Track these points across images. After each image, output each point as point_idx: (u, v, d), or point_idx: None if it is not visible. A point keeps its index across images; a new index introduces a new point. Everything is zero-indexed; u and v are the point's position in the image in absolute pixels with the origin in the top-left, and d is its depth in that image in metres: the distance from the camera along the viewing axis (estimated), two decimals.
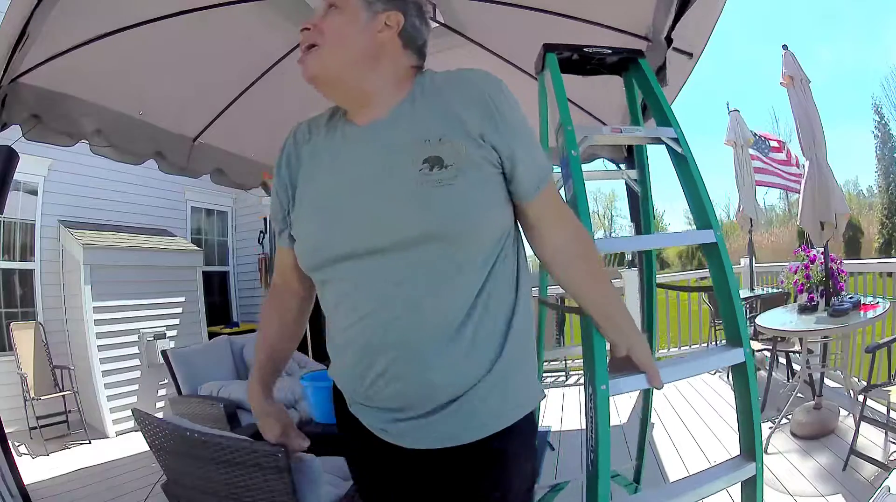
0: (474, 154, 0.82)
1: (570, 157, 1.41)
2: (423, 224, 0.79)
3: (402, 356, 0.82)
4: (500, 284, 0.86)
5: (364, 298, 0.83)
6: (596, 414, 1.21)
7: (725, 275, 1.40)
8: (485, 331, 0.83)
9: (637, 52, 1.74)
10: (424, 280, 0.80)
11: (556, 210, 0.93)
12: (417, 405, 0.83)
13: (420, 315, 0.81)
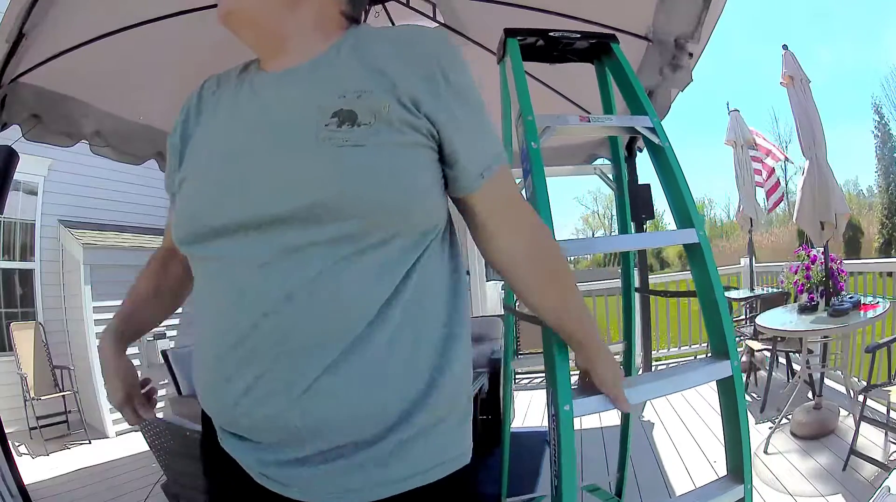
0: (398, 117, 0.64)
1: (530, 150, 1.27)
2: (314, 191, 0.61)
3: (272, 370, 0.62)
4: (428, 292, 0.68)
5: (229, 286, 0.65)
6: (559, 437, 1.07)
7: (710, 279, 1.26)
8: (404, 350, 0.64)
9: (609, 37, 1.60)
10: (313, 267, 0.61)
11: (508, 206, 0.75)
12: (296, 441, 0.63)
13: (303, 314, 0.61)
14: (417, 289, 0.67)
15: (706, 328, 1.32)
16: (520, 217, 0.76)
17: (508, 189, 0.75)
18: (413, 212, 0.66)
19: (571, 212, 36.58)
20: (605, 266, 26.72)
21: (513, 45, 1.52)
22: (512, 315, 2.01)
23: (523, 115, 1.34)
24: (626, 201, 1.96)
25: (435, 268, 0.70)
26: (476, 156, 0.70)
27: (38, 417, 4.36)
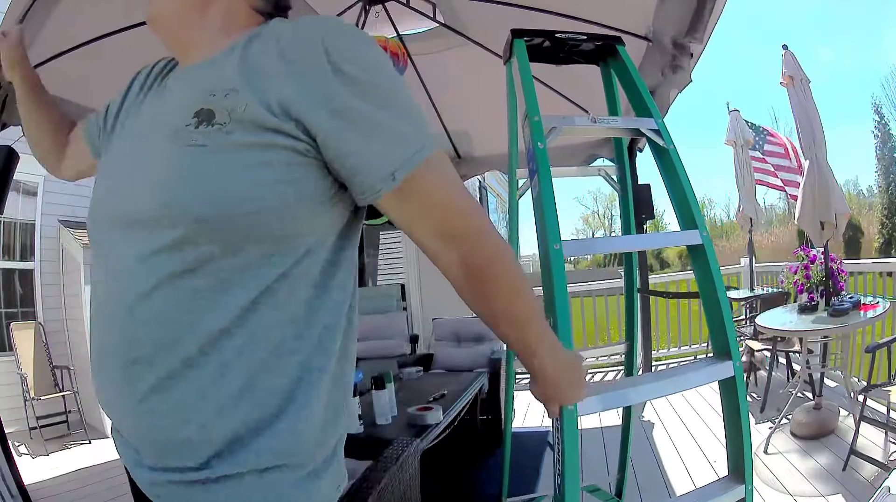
0: (254, 117, 0.58)
1: (537, 150, 1.29)
2: (157, 194, 0.59)
3: (122, 375, 0.62)
4: (287, 327, 0.62)
5: (102, 283, 0.66)
6: (563, 436, 1.09)
7: (713, 280, 1.27)
8: (235, 384, 0.59)
9: (615, 39, 1.62)
10: (152, 278, 0.59)
11: (432, 212, 0.65)
12: (141, 450, 0.63)
13: (140, 327, 0.60)
14: (268, 321, 0.60)
15: (708, 328, 1.33)
16: (450, 224, 0.66)
17: (432, 193, 0.64)
18: (243, 226, 0.57)
19: (571, 212, 36.61)
20: (605, 266, 26.76)
21: (519, 45, 1.53)
22: None
23: (529, 116, 1.35)
24: (629, 202, 1.97)
25: (301, 299, 0.62)
26: (378, 157, 0.60)
27: (38, 417, 4.36)
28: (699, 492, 1.26)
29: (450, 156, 4.47)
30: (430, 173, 0.63)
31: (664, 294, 4.87)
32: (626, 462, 2.06)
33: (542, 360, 0.76)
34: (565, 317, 1.16)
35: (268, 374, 0.60)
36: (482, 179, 6.37)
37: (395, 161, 0.60)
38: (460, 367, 3.93)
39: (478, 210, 0.68)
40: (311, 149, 0.59)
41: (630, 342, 2.07)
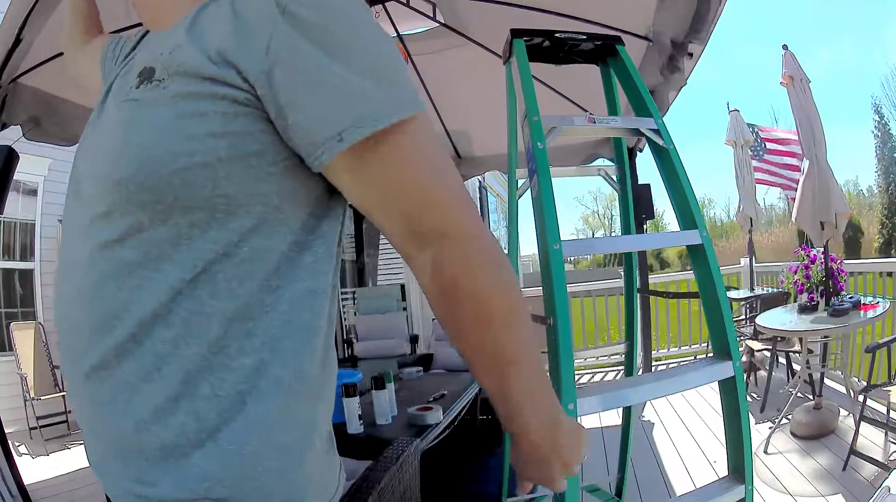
0: (194, 67, 0.50)
1: (536, 150, 1.29)
2: (94, 165, 0.55)
3: (66, 360, 0.56)
4: (226, 325, 0.51)
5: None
6: None
7: (713, 280, 1.27)
8: (160, 392, 0.50)
9: (615, 39, 1.62)
10: (89, 246, 0.53)
11: (400, 192, 0.52)
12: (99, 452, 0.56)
13: (79, 302, 0.54)
14: (208, 310, 0.51)
15: (708, 328, 1.34)
16: (422, 214, 0.52)
17: (401, 169, 0.52)
18: (169, 187, 0.49)
19: (571, 212, 36.61)
20: (605, 266, 26.78)
21: (519, 45, 1.53)
22: None
23: (529, 116, 1.35)
24: (629, 202, 1.97)
25: (251, 288, 0.52)
26: (324, 113, 0.48)
27: (38, 417, 4.36)
28: (699, 492, 1.27)
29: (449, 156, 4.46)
30: (399, 143, 0.51)
31: (664, 294, 4.87)
32: (626, 462, 2.06)
33: (527, 428, 0.56)
34: (565, 317, 1.16)
35: (209, 376, 0.50)
36: (482, 179, 6.36)
37: (344, 119, 0.48)
38: (460, 367, 3.93)
39: (462, 202, 0.54)
40: (252, 97, 0.50)
41: (630, 342, 2.07)
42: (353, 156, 0.50)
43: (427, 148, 0.53)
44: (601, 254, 24.91)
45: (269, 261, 0.53)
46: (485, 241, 0.55)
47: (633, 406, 2.00)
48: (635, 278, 2.05)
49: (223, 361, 0.51)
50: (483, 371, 0.56)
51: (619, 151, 1.99)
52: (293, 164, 0.53)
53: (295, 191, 0.54)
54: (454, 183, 0.55)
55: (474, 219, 0.55)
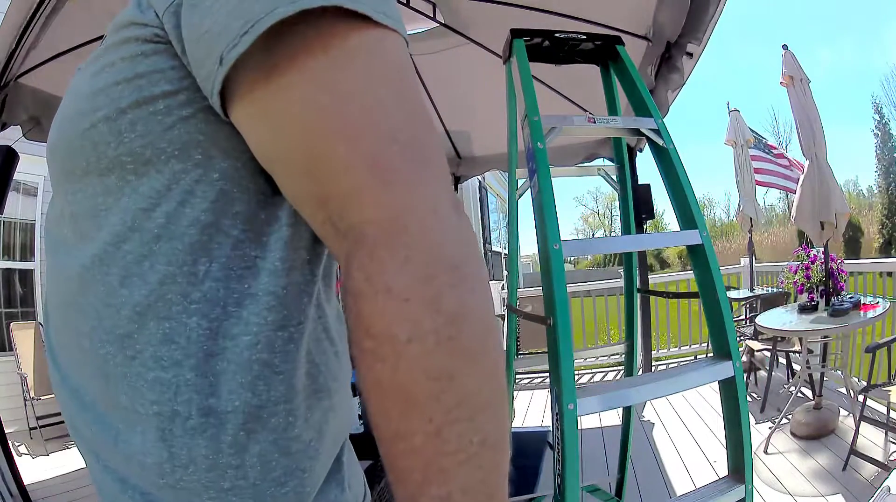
0: (128, 17, 0.41)
1: (536, 150, 1.29)
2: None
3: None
4: (141, 308, 0.39)
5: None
6: (563, 436, 1.09)
7: (712, 280, 1.28)
8: (115, 384, 0.40)
9: (615, 39, 1.62)
10: (57, 237, 0.45)
11: (300, 147, 0.34)
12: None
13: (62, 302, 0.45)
14: (111, 304, 0.40)
15: (708, 328, 1.34)
16: (357, 193, 0.33)
17: (314, 100, 0.33)
18: (80, 151, 0.41)
19: (571, 212, 36.61)
20: (605, 266, 26.77)
21: (519, 45, 1.53)
22: (515, 315, 2.01)
23: (529, 116, 1.35)
24: (629, 202, 1.96)
25: (161, 274, 0.39)
26: (218, 27, 0.34)
27: (38, 417, 4.36)
28: (699, 492, 1.26)
29: (449, 156, 4.48)
30: (315, 52, 0.33)
31: (664, 294, 4.86)
32: (626, 462, 2.06)
33: None
34: (565, 317, 1.16)
35: (125, 386, 0.40)
36: (482, 179, 6.36)
37: (230, 29, 0.34)
38: None
39: (436, 182, 0.34)
40: (160, 31, 0.39)
41: (630, 342, 2.07)
42: (246, 86, 0.35)
43: (380, 70, 0.35)
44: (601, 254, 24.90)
45: (191, 238, 0.39)
46: (475, 279, 0.33)
47: (633, 406, 2.00)
48: (635, 278, 2.04)
49: (138, 370, 0.39)
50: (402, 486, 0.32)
51: (619, 151, 1.99)
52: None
53: (231, 142, 0.40)
54: (426, 143, 0.34)
55: (442, 197, 0.33)
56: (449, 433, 0.30)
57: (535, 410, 4.10)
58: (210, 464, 0.39)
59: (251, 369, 0.39)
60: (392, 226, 0.31)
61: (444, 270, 0.31)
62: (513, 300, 2.05)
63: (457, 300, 0.31)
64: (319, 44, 0.33)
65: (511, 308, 2.01)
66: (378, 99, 0.34)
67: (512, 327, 2.11)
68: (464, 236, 0.33)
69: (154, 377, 0.39)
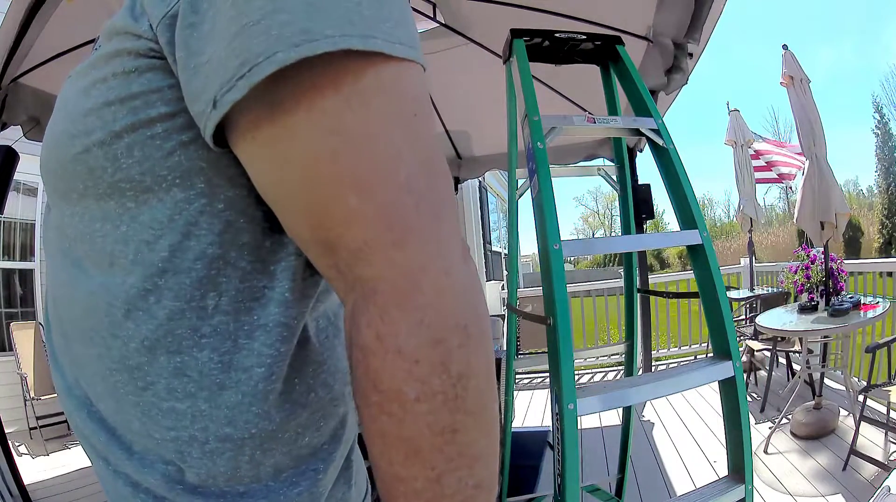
0: (119, 25, 0.39)
1: (536, 150, 1.28)
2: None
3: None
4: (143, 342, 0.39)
5: None
6: (563, 435, 1.09)
7: (712, 280, 1.27)
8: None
9: (615, 39, 1.62)
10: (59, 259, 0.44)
11: (303, 191, 0.33)
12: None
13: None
14: (118, 337, 0.39)
15: (708, 328, 1.33)
16: (364, 250, 0.32)
17: (312, 140, 0.32)
18: (74, 176, 0.39)
19: (571, 212, 36.64)
20: (605, 266, 26.78)
21: (519, 45, 1.53)
22: (515, 315, 2.01)
23: (529, 116, 1.35)
24: (629, 202, 1.96)
25: (170, 309, 0.38)
26: (217, 57, 0.32)
27: (38, 417, 4.36)
28: (699, 492, 1.26)
29: (449, 156, 4.48)
30: (322, 93, 0.31)
31: (664, 294, 4.87)
32: (626, 462, 2.06)
33: None
34: (565, 317, 1.16)
35: (141, 415, 0.40)
36: (482, 179, 6.36)
37: (228, 66, 0.32)
38: None
39: (449, 247, 0.33)
40: (155, 45, 0.36)
41: (630, 342, 2.07)
42: (247, 123, 0.33)
43: (395, 110, 0.33)
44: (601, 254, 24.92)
45: (198, 273, 0.38)
46: (481, 338, 0.33)
47: (633, 406, 2.00)
48: (635, 278, 2.04)
49: (151, 400, 0.39)
50: None
51: (619, 151, 1.99)
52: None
53: (236, 170, 0.37)
54: (440, 192, 0.34)
55: (468, 290, 0.33)
56: (448, 479, 0.32)
57: (535, 410, 4.10)
58: (227, 478, 0.40)
59: (266, 399, 0.39)
60: (405, 287, 0.31)
61: (453, 333, 0.32)
62: (513, 300, 2.05)
63: (464, 361, 0.32)
64: (330, 82, 0.31)
65: (511, 308, 2.00)
66: (393, 143, 0.32)
67: (512, 327, 2.11)
68: (474, 296, 0.34)
69: (169, 407, 0.39)
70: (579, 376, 5.10)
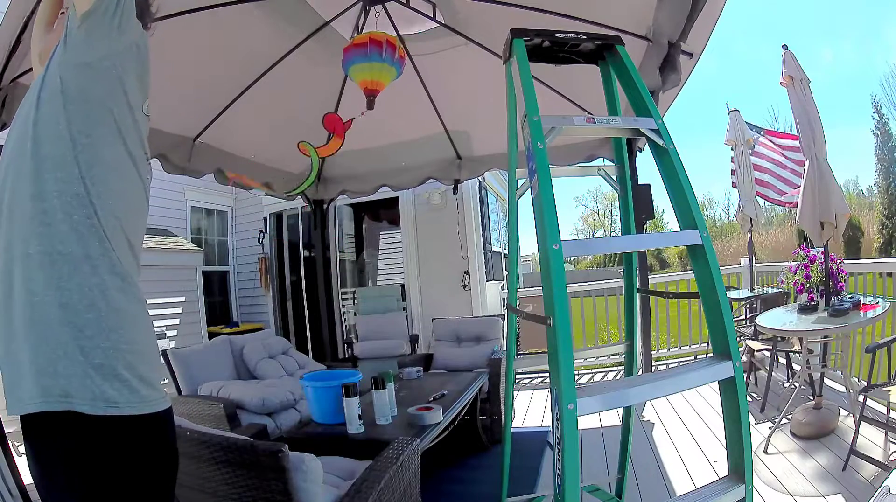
0: None
1: (536, 150, 1.29)
2: None
3: None
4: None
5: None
6: (563, 436, 1.09)
7: (713, 280, 1.28)
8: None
9: (615, 39, 1.62)
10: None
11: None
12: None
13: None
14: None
15: (708, 328, 1.33)
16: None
17: None
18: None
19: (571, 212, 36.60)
20: (605, 266, 26.76)
21: (519, 45, 1.53)
22: (515, 315, 2.01)
23: (529, 116, 1.35)
24: (629, 202, 1.95)
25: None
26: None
27: None
28: (699, 492, 1.25)
29: (449, 156, 4.47)
30: None
31: (664, 294, 4.87)
32: (626, 462, 2.06)
33: None
34: (565, 317, 1.16)
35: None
36: (482, 179, 6.35)
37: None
38: (460, 367, 3.93)
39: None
40: None
41: (630, 342, 2.07)
42: None
43: None
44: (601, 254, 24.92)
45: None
46: None
47: (633, 406, 2.00)
48: (635, 278, 2.04)
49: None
50: None
51: (619, 151, 1.99)
52: None
53: None
54: None
55: None
56: None
57: (535, 410, 4.10)
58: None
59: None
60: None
61: None
62: (513, 300, 2.05)
63: None
64: None
65: (511, 308, 2.01)
66: None
67: (512, 327, 2.11)
68: None
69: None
70: (579, 376, 5.10)
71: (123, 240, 0.97)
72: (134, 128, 1.04)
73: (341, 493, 1.62)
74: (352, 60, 2.53)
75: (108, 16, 0.98)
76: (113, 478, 0.88)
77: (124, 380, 0.89)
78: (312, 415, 2.60)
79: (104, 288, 0.91)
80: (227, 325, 6.58)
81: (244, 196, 7.11)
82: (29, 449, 0.89)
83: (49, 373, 0.86)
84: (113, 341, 0.89)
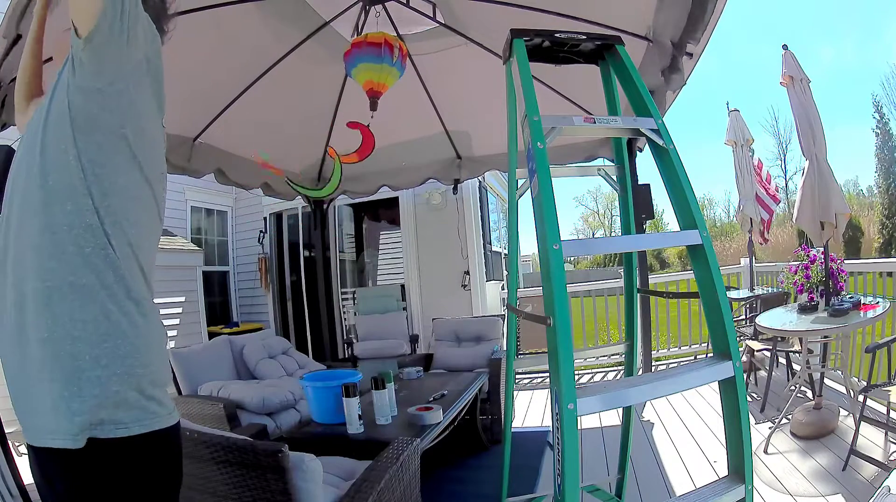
0: None
1: (536, 150, 1.29)
2: None
3: None
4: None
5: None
6: (563, 436, 1.09)
7: (712, 280, 1.28)
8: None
9: (615, 39, 1.62)
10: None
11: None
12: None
13: None
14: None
15: (708, 328, 1.33)
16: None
17: None
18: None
19: (571, 212, 36.60)
20: (605, 266, 26.77)
21: (519, 45, 1.53)
22: (515, 315, 2.01)
23: (529, 116, 1.35)
24: (629, 202, 1.95)
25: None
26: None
27: None
28: (699, 492, 1.25)
29: (449, 156, 4.47)
30: None
31: (664, 294, 4.87)
32: (626, 462, 2.06)
33: None
34: (565, 317, 1.16)
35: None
36: (482, 179, 6.35)
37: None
38: (460, 367, 3.93)
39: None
40: None
41: (630, 342, 2.07)
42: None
43: None
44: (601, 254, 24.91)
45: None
46: None
47: (633, 406, 2.00)
48: (635, 278, 2.04)
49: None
50: None
51: (619, 151, 1.99)
52: None
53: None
54: None
55: None
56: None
57: (535, 410, 4.10)
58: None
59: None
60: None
61: None
62: (513, 300, 2.05)
63: None
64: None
65: (511, 308, 2.00)
66: None
67: (512, 327, 2.11)
68: None
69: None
70: (579, 376, 5.10)
71: (136, 264, 0.94)
72: (150, 147, 0.99)
73: (341, 493, 1.62)
74: (361, 59, 2.49)
75: (114, 32, 0.92)
76: (120, 495, 0.88)
77: (136, 401, 0.89)
78: (312, 415, 2.60)
79: (119, 316, 0.89)
80: (227, 325, 6.58)
81: (244, 196, 7.11)
82: (36, 468, 0.88)
83: (64, 411, 0.84)
84: (128, 366, 0.88)
